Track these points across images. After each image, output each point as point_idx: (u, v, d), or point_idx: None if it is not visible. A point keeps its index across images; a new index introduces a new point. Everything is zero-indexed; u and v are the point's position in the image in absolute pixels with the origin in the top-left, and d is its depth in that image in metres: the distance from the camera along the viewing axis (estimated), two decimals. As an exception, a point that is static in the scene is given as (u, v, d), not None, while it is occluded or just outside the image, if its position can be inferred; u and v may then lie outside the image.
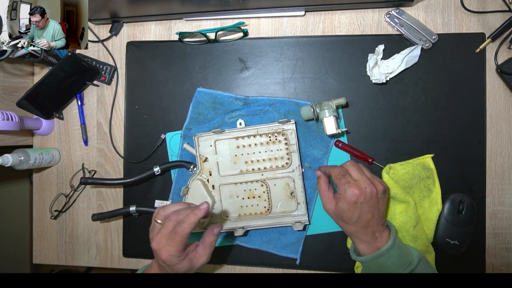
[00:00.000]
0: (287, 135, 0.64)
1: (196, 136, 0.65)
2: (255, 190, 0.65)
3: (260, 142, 0.65)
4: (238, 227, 0.66)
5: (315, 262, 0.67)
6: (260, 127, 0.64)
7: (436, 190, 0.63)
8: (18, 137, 0.73)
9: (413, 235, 0.62)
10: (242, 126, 0.66)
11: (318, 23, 0.68)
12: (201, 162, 0.66)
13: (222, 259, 0.70)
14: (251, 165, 0.65)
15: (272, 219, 0.65)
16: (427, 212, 0.63)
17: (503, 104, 0.64)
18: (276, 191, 0.65)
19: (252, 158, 0.65)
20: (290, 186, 0.64)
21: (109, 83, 0.73)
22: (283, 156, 0.64)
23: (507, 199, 0.65)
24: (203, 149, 0.66)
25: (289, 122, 0.64)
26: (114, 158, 0.74)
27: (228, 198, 0.66)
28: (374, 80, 0.64)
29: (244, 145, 0.65)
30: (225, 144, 0.65)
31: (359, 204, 0.53)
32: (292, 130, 0.64)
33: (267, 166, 0.65)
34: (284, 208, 0.65)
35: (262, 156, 0.65)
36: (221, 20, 0.71)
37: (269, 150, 0.65)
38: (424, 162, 0.64)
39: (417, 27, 0.63)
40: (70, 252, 0.76)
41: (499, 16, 0.64)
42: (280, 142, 0.64)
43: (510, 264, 0.64)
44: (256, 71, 0.69)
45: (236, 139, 0.65)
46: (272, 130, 0.64)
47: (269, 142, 0.64)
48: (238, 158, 0.65)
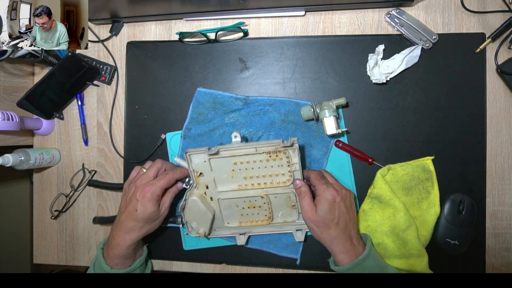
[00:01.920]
0: (289, 153, 0.58)
1: (188, 153, 0.58)
2: (255, 201, 0.62)
3: (260, 159, 0.59)
4: (239, 233, 0.66)
5: (316, 262, 0.67)
6: (259, 145, 0.57)
7: (435, 193, 0.63)
8: (18, 137, 0.73)
9: (403, 239, 0.62)
10: (238, 140, 0.59)
11: (318, 23, 0.68)
12: (196, 177, 0.61)
13: (222, 259, 0.70)
14: (250, 180, 0.61)
15: (273, 227, 0.65)
16: (424, 214, 0.63)
17: (503, 104, 0.64)
18: (277, 202, 0.63)
19: (251, 173, 0.60)
20: (292, 199, 0.62)
21: (109, 83, 0.73)
22: (285, 173, 0.59)
23: (507, 199, 0.64)
24: (197, 166, 0.60)
25: (294, 144, 0.56)
26: (114, 158, 0.74)
27: (228, 208, 0.63)
28: (374, 80, 0.64)
29: (241, 162, 0.59)
30: (220, 161, 0.59)
31: (336, 203, 0.55)
32: (295, 149, 0.57)
33: (267, 181, 0.60)
34: (285, 218, 0.64)
35: (261, 172, 0.60)
36: (221, 20, 0.71)
37: (269, 166, 0.59)
38: (424, 164, 0.64)
39: (417, 27, 0.63)
40: (70, 252, 0.76)
41: (499, 16, 0.64)
42: (281, 159, 0.58)
43: (510, 264, 0.64)
44: (256, 71, 0.69)
45: (233, 156, 0.59)
46: (272, 149, 0.57)
47: (269, 159, 0.58)
48: (236, 172, 0.60)
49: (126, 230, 0.57)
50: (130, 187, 0.59)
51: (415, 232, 0.61)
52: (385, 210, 0.63)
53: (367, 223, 0.64)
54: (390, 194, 0.62)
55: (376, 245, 0.64)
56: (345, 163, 0.66)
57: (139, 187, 0.57)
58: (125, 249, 0.58)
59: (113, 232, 0.59)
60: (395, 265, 0.63)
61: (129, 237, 0.58)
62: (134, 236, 0.58)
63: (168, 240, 0.71)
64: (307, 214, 0.56)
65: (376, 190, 0.63)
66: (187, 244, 0.70)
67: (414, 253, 0.62)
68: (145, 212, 0.56)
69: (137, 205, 0.56)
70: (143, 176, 0.59)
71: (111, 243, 0.59)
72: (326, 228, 0.55)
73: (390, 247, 0.63)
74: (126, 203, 0.58)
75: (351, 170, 0.66)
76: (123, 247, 0.58)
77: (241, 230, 0.65)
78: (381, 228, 0.63)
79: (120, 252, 0.58)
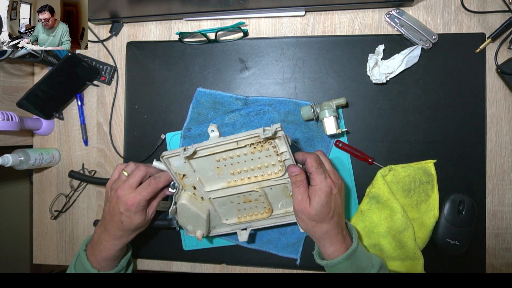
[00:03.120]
0: (276, 143, 0.52)
1: (164, 157, 0.54)
2: (250, 195, 0.57)
3: (244, 152, 0.53)
4: (241, 228, 0.62)
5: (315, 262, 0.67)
6: (240, 139, 0.51)
7: (434, 196, 0.63)
8: (18, 137, 0.73)
9: (400, 240, 0.62)
10: (216, 134, 0.53)
11: (318, 23, 0.68)
12: (180, 179, 0.57)
13: (222, 259, 0.70)
14: (239, 175, 0.55)
15: (275, 219, 0.62)
16: (423, 217, 0.63)
17: (503, 104, 0.64)
18: (274, 193, 0.58)
19: (238, 168, 0.55)
20: (289, 188, 0.57)
21: (109, 83, 0.73)
22: (275, 163, 0.54)
23: (507, 199, 0.64)
24: (177, 168, 0.55)
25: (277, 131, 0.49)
26: (114, 158, 0.74)
27: (223, 205, 0.59)
28: (374, 80, 0.64)
29: (224, 158, 0.54)
30: (201, 160, 0.54)
31: (333, 195, 0.51)
32: (281, 137, 0.50)
33: (258, 174, 0.55)
34: (286, 208, 0.60)
35: (249, 166, 0.54)
36: (221, 20, 0.71)
37: (256, 158, 0.53)
38: (425, 167, 0.64)
39: (417, 27, 0.63)
40: (70, 252, 0.76)
41: (499, 16, 0.64)
42: (268, 149, 0.52)
43: (510, 264, 0.64)
44: (256, 71, 0.69)
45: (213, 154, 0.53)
46: (254, 140, 0.51)
47: (254, 151, 0.52)
48: (221, 170, 0.55)
49: (114, 237, 0.56)
50: (112, 194, 0.55)
51: (412, 234, 0.61)
52: (382, 211, 0.63)
53: (364, 224, 0.64)
54: (388, 194, 0.62)
55: (372, 246, 0.64)
56: (345, 163, 0.66)
57: (122, 199, 0.53)
58: (113, 253, 0.57)
59: (100, 237, 0.57)
60: (391, 267, 0.63)
61: (118, 242, 0.57)
62: (124, 241, 0.57)
63: (168, 240, 0.71)
64: (299, 205, 0.51)
65: (374, 190, 0.63)
66: (187, 244, 0.70)
67: (410, 255, 0.62)
68: (132, 224, 0.54)
69: (121, 217, 0.54)
70: (125, 185, 0.54)
71: (99, 247, 0.57)
72: (319, 222, 0.51)
73: (387, 249, 0.63)
74: (110, 211, 0.55)
75: (351, 170, 0.66)
76: (112, 251, 0.57)
77: (241, 225, 0.62)
78: (377, 229, 0.63)
79: (109, 255, 0.57)
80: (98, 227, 0.59)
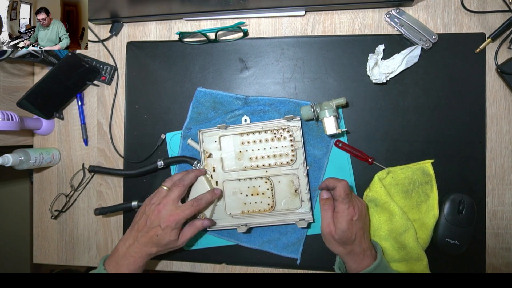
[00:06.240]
0: (292, 131, 0.64)
1: (201, 132, 0.66)
2: (259, 187, 0.65)
3: (265, 138, 0.65)
4: (241, 224, 0.65)
5: (316, 262, 0.67)
6: (266, 123, 0.65)
7: (434, 196, 0.63)
8: (18, 137, 0.73)
9: (401, 242, 0.62)
10: (247, 122, 0.66)
11: (318, 23, 0.68)
12: (205, 157, 0.66)
13: (222, 259, 0.70)
14: (255, 161, 0.65)
15: (275, 216, 0.65)
16: (424, 217, 0.63)
17: (503, 104, 0.64)
18: (280, 188, 0.65)
19: (256, 154, 0.65)
20: (295, 183, 0.64)
21: (109, 83, 0.73)
22: (288, 153, 0.64)
23: (507, 199, 0.65)
24: (207, 145, 0.66)
25: (295, 119, 0.64)
26: (114, 158, 0.74)
27: (232, 195, 0.66)
28: (374, 80, 0.64)
29: (249, 141, 0.65)
30: (230, 140, 0.66)
31: (353, 222, 0.56)
32: (297, 126, 0.64)
33: (272, 162, 0.65)
34: (288, 206, 0.65)
35: (266, 153, 0.65)
36: (221, 20, 0.71)
37: (273, 146, 0.65)
38: (423, 167, 0.64)
39: (417, 27, 0.63)
40: (70, 252, 0.76)
41: (499, 16, 0.64)
42: (285, 139, 0.64)
43: (510, 264, 0.64)
44: (256, 71, 0.69)
45: (241, 135, 0.65)
46: (277, 127, 0.64)
47: (274, 138, 0.64)
48: (242, 154, 0.65)
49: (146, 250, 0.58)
50: (153, 208, 0.58)
51: (413, 235, 0.61)
52: (381, 214, 0.63)
53: None
54: (385, 197, 0.62)
55: None
56: (345, 163, 0.66)
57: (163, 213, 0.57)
58: (141, 265, 0.59)
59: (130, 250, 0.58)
60: (395, 269, 0.63)
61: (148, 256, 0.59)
62: (152, 255, 0.59)
63: (168, 240, 0.71)
64: (326, 229, 0.57)
65: (372, 193, 0.63)
66: (187, 244, 0.70)
67: (413, 256, 0.62)
68: (165, 239, 0.57)
69: (158, 231, 0.57)
70: (167, 200, 0.58)
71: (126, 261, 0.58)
72: (342, 244, 0.57)
73: (389, 251, 0.63)
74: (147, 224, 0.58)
75: (351, 170, 0.66)
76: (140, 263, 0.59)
77: (242, 220, 0.65)
78: (378, 233, 0.63)
79: (136, 268, 0.59)
80: (123, 242, 0.60)
